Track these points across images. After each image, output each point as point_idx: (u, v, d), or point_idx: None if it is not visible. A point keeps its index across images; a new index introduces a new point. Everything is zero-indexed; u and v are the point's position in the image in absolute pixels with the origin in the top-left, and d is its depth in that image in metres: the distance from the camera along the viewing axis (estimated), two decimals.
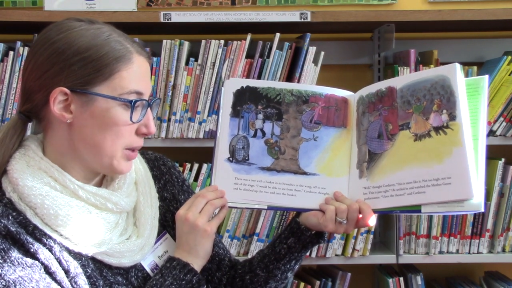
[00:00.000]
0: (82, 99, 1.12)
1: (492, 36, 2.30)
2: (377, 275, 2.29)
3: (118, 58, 1.12)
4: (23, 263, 1.06)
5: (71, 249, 1.12)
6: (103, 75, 1.11)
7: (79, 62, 1.11)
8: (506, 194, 2.08)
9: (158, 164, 1.37)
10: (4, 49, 2.00)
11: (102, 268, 1.17)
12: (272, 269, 1.32)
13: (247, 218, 2.06)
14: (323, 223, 1.26)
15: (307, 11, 1.98)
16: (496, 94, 2.04)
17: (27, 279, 1.05)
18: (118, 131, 1.14)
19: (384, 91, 1.28)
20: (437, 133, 1.21)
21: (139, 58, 1.16)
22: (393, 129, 1.26)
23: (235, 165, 1.30)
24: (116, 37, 1.15)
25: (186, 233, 1.23)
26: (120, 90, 1.13)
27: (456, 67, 1.22)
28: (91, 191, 1.15)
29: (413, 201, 1.21)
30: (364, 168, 1.28)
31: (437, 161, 1.19)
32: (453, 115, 1.19)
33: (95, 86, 1.12)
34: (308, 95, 1.32)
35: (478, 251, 2.10)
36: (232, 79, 1.33)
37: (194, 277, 1.20)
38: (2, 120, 1.99)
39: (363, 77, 2.31)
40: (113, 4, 2.05)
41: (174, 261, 1.21)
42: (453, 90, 1.20)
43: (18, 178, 1.12)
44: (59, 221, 1.10)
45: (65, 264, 1.10)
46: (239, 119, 1.31)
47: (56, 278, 1.09)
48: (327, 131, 1.31)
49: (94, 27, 1.14)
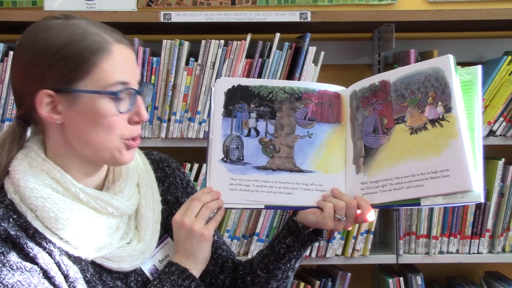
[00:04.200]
0: (68, 98, 1.10)
1: (492, 36, 2.30)
2: (377, 275, 2.29)
3: (96, 51, 1.09)
4: (22, 267, 1.05)
5: (70, 253, 1.11)
6: (83, 70, 1.09)
7: (59, 61, 1.09)
8: (506, 194, 2.08)
9: (163, 166, 1.35)
10: (4, 49, 2.00)
11: (102, 272, 1.16)
12: (272, 269, 1.32)
13: (247, 218, 2.06)
14: (322, 221, 1.25)
15: (307, 11, 1.98)
16: (496, 94, 2.04)
17: (25, 284, 1.04)
18: (109, 124, 1.11)
19: (378, 85, 1.27)
20: (433, 126, 1.20)
21: (119, 46, 1.12)
22: (388, 123, 1.25)
23: (230, 165, 1.28)
24: (92, 29, 1.11)
25: (183, 238, 1.20)
26: (104, 82, 1.10)
27: (449, 58, 1.21)
28: (92, 194, 1.14)
29: (412, 195, 1.20)
30: (361, 163, 1.27)
31: (434, 154, 1.19)
32: (449, 107, 1.19)
33: (77, 83, 1.09)
34: (301, 91, 1.30)
35: (478, 251, 2.10)
36: (222, 78, 1.31)
37: (192, 283, 1.19)
38: (2, 120, 2.00)
39: (363, 77, 2.26)
40: (113, 4, 2.05)
41: (173, 266, 1.20)
42: (447, 82, 1.20)
43: (20, 179, 1.11)
44: (59, 224, 1.09)
45: (64, 268, 1.09)
46: (232, 119, 1.29)
47: (55, 283, 1.08)
48: (322, 127, 1.30)
49: (70, 23, 1.12)
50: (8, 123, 1.99)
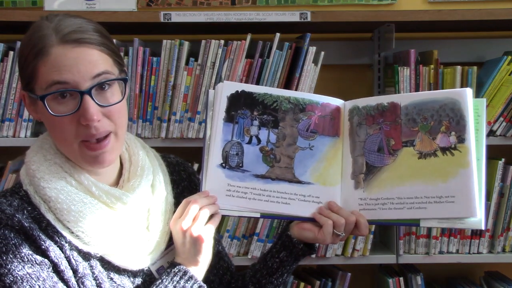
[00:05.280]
0: (32, 99, 1.14)
1: (492, 36, 2.30)
2: (377, 275, 2.29)
3: (36, 55, 1.09)
4: (32, 260, 1.07)
5: (80, 248, 1.12)
6: (30, 74, 1.11)
7: (21, 63, 1.14)
8: (506, 194, 2.08)
9: (179, 169, 1.36)
10: (4, 49, 2.00)
11: (110, 270, 1.16)
12: (264, 284, 1.32)
13: (247, 218, 2.06)
14: (321, 238, 1.26)
15: (307, 11, 1.98)
16: (496, 94, 2.04)
17: (34, 277, 1.06)
18: (58, 126, 1.11)
19: (386, 106, 1.29)
20: (444, 154, 1.24)
21: (59, 48, 1.08)
22: (395, 145, 1.28)
23: (228, 172, 1.26)
24: (42, 31, 1.10)
25: (182, 243, 1.20)
26: (44, 85, 1.09)
27: (467, 92, 1.24)
28: (104, 189, 1.15)
29: (413, 215, 1.25)
30: (361, 180, 1.29)
31: (441, 180, 1.23)
32: (462, 138, 1.23)
33: (33, 86, 1.12)
34: (305, 103, 1.30)
35: (478, 251, 2.11)
36: (226, 82, 1.30)
37: (194, 284, 1.18)
38: (2, 120, 1.99)
39: (363, 77, 2.31)
40: (113, 4, 2.05)
41: (175, 267, 1.19)
42: (463, 115, 1.23)
43: (36, 170, 1.13)
44: (71, 216, 1.11)
45: (74, 263, 1.11)
46: (234, 125, 1.28)
47: (64, 277, 1.09)
48: (323, 140, 1.30)
49: (35, 25, 1.13)
50: (8, 123, 1.99)
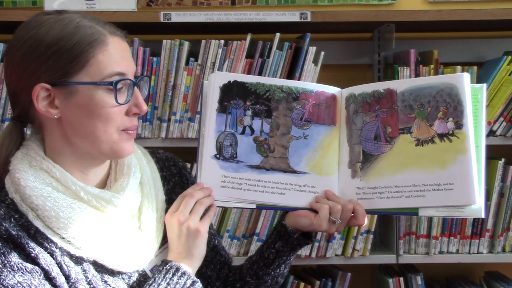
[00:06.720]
0: (64, 91, 1.10)
1: (492, 36, 2.30)
2: (377, 275, 2.29)
3: (91, 43, 1.10)
4: (23, 268, 1.05)
5: (72, 253, 1.10)
6: (79, 63, 1.09)
7: (53, 55, 1.09)
8: (506, 194, 2.08)
9: (169, 165, 1.34)
10: (4, 49, 2.00)
11: (103, 272, 1.14)
12: (262, 275, 1.31)
13: (247, 218, 2.06)
14: (317, 223, 1.25)
15: (307, 11, 1.98)
16: (496, 94, 2.04)
17: (26, 285, 1.04)
18: (107, 115, 1.11)
19: (382, 93, 1.27)
20: (442, 140, 1.22)
21: (114, 38, 1.13)
22: (392, 132, 1.26)
23: (223, 163, 1.26)
24: (86, 22, 1.11)
25: (178, 236, 1.19)
26: (100, 74, 1.10)
27: (465, 77, 1.23)
28: (93, 192, 1.13)
29: (412, 204, 1.23)
30: (358, 169, 1.27)
31: (439, 167, 1.21)
32: (460, 124, 1.21)
33: (74, 76, 1.09)
34: (298, 91, 1.28)
35: (478, 251, 2.11)
36: (218, 72, 1.27)
37: (187, 280, 1.16)
38: (2, 120, 2.00)
39: (363, 77, 2.31)
40: (113, 4, 2.05)
41: (167, 264, 1.17)
42: (461, 100, 1.21)
43: (20, 178, 1.10)
44: (60, 223, 1.09)
45: (66, 269, 1.09)
46: (227, 115, 1.27)
47: (56, 284, 1.07)
48: (318, 129, 1.29)
49: (62, 18, 1.12)
50: (8, 123, 1.99)
